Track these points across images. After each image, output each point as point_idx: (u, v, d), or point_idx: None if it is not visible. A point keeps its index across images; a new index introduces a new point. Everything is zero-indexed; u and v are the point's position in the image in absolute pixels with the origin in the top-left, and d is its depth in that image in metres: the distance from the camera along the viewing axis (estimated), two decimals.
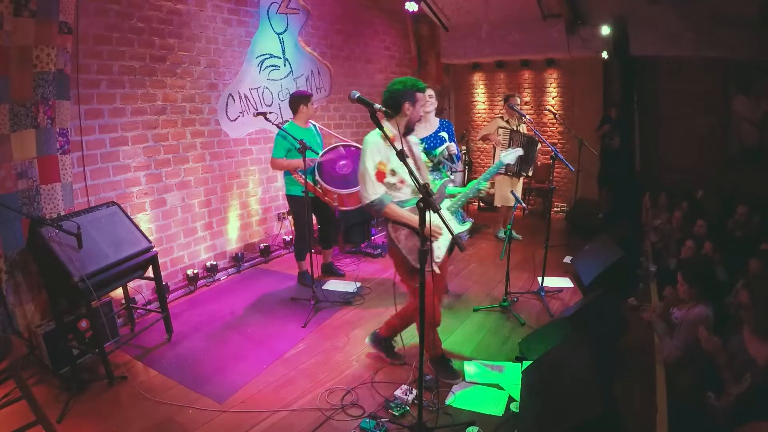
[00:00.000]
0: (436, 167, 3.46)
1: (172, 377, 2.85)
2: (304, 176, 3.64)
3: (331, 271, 4.48)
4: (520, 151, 3.08)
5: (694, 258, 3.61)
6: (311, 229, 4.04)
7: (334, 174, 3.90)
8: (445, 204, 2.67)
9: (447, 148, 3.47)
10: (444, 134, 3.73)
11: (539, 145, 4.90)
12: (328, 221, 4.34)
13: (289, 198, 4.07)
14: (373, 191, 2.42)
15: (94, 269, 2.72)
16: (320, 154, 3.91)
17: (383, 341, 2.97)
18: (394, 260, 2.60)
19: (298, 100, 3.93)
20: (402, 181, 2.49)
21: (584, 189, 6.25)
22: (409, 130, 2.61)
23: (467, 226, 2.72)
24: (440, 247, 2.57)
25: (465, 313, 3.67)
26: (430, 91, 3.68)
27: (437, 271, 2.52)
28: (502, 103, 5.57)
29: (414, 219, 2.35)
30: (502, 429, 2.36)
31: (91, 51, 3.38)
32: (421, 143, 3.80)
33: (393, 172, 2.46)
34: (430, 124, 3.71)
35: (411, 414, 2.43)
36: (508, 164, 2.99)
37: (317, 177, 3.82)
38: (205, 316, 3.69)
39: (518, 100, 5.29)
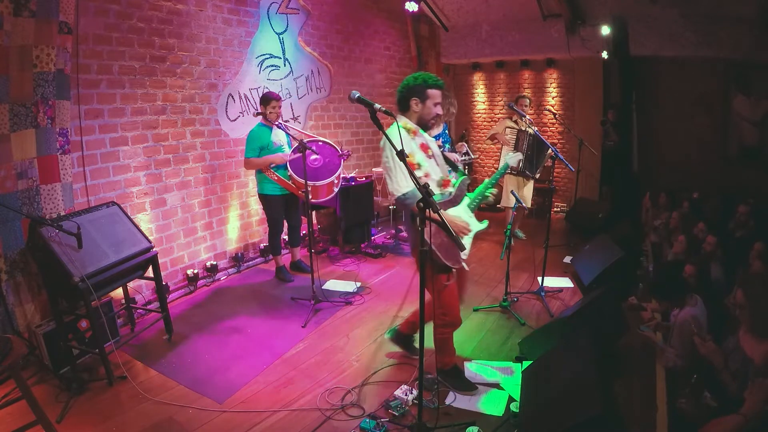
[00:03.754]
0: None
1: (172, 377, 2.85)
2: (276, 173, 4.02)
3: (299, 268, 4.64)
4: (520, 156, 3.60)
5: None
6: (299, 223, 4.53)
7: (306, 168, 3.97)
8: (465, 202, 2.63)
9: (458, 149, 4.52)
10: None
11: (549, 151, 4.76)
12: (294, 221, 4.48)
13: (262, 197, 4.22)
14: (406, 184, 2.31)
15: (94, 269, 2.72)
16: (291, 150, 4.05)
17: (403, 337, 2.98)
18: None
19: (267, 99, 4.01)
20: (427, 175, 2.44)
21: (584, 189, 6.25)
22: (423, 127, 2.53)
23: (485, 224, 2.69)
24: (467, 245, 2.55)
25: (465, 313, 3.65)
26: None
27: (466, 268, 2.56)
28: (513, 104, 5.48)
29: (444, 215, 2.13)
30: (502, 429, 2.36)
31: (91, 51, 3.37)
32: (437, 138, 4.25)
33: (418, 166, 2.42)
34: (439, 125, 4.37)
35: (411, 414, 2.43)
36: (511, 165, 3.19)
37: (290, 172, 3.98)
38: (205, 316, 3.69)
39: (527, 101, 5.26)
